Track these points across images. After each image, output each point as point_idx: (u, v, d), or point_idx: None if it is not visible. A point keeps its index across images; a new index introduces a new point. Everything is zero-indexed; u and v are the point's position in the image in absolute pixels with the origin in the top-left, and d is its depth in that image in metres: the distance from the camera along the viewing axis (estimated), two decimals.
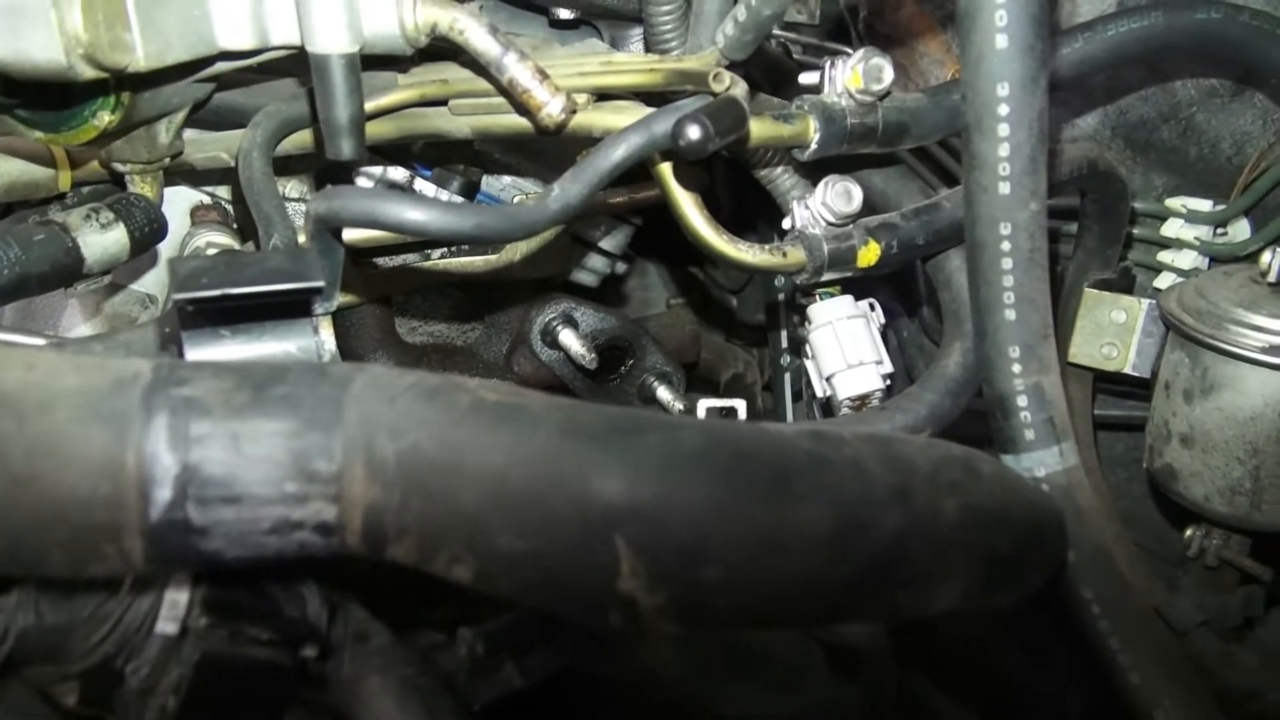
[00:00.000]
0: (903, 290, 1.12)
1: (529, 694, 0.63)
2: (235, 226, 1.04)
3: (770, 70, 0.95)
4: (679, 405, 1.18)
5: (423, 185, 1.05)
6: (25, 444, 0.44)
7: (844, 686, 0.72)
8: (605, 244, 1.20)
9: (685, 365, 1.27)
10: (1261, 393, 0.84)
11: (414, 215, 0.64)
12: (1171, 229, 1.07)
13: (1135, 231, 1.06)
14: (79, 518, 0.44)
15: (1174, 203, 1.07)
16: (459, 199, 1.05)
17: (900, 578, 0.52)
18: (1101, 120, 1.06)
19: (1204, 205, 1.05)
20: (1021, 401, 0.64)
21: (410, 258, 1.05)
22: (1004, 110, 0.59)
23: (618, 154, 0.69)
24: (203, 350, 0.61)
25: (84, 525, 0.45)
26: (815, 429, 0.54)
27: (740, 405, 0.77)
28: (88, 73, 0.60)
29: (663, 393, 1.19)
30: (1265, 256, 0.88)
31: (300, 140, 0.84)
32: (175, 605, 0.51)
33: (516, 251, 1.05)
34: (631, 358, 1.20)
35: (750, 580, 0.49)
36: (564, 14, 0.99)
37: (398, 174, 1.04)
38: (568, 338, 1.13)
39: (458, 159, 1.05)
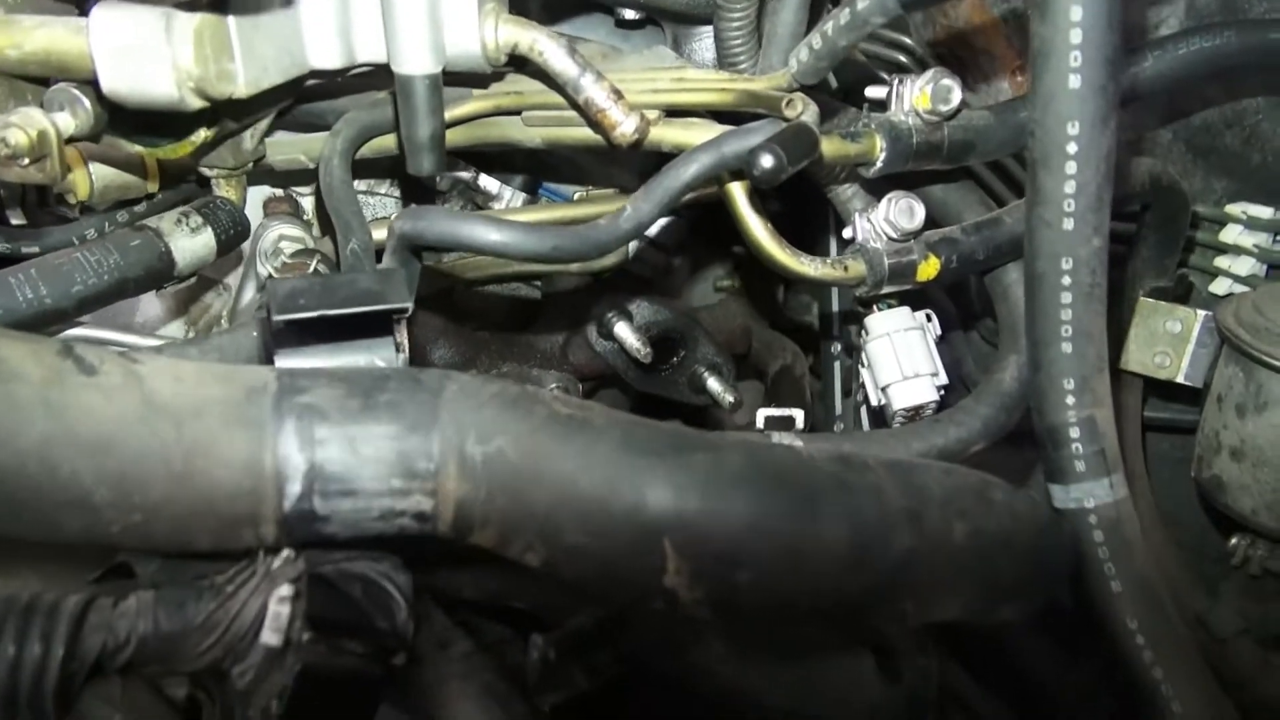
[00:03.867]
0: (956, 300, 1.13)
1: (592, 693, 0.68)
2: (306, 218, 1.09)
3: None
4: (729, 397, 1.21)
5: (487, 181, 1.09)
6: (184, 447, 0.52)
7: (889, 689, 0.77)
8: (660, 237, 1.23)
9: (735, 356, 1.30)
10: None
11: (494, 236, 0.69)
12: (1230, 235, 1.08)
13: (1193, 235, 1.07)
14: (226, 508, 0.53)
15: (1234, 208, 1.08)
16: (523, 195, 1.09)
17: (907, 590, 0.59)
18: (1163, 123, 1.06)
19: (1265, 212, 1.06)
20: (1074, 434, 0.66)
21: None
22: (1072, 149, 0.60)
23: (688, 174, 0.73)
24: (293, 360, 0.66)
25: (229, 514, 0.53)
26: (844, 454, 0.60)
27: (798, 414, 0.81)
28: (196, 104, 0.64)
29: (713, 384, 1.23)
30: None
31: (377, 145, 0.88)
32: (279, 618, 0.56)
33: None
34: (684, 349, 1.23)
35: (776, 584, 0.58)
36: (629, 14, 1.01)
37: (463, 171, 1.08)
38: (622, 330, 1.16)
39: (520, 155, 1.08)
